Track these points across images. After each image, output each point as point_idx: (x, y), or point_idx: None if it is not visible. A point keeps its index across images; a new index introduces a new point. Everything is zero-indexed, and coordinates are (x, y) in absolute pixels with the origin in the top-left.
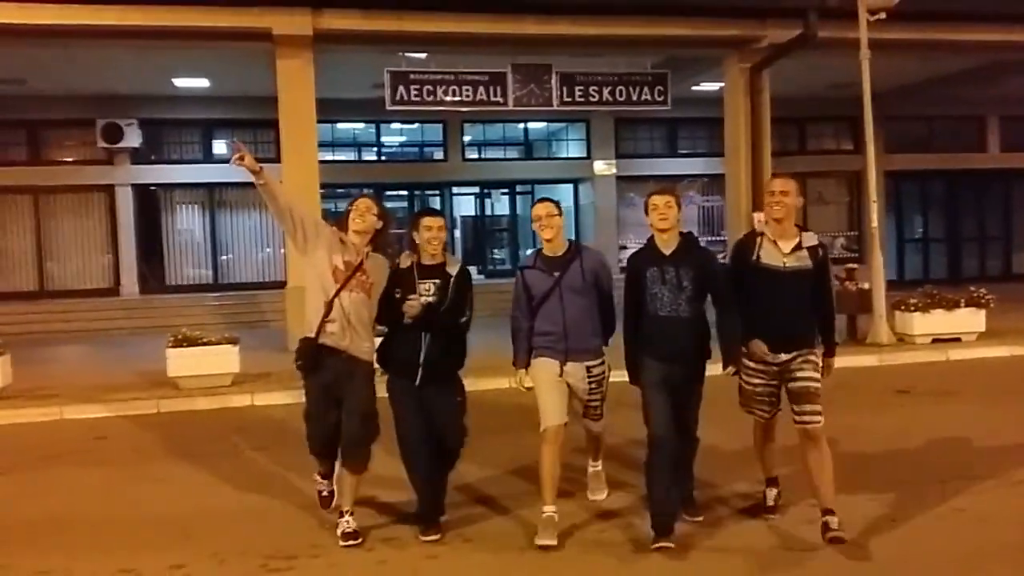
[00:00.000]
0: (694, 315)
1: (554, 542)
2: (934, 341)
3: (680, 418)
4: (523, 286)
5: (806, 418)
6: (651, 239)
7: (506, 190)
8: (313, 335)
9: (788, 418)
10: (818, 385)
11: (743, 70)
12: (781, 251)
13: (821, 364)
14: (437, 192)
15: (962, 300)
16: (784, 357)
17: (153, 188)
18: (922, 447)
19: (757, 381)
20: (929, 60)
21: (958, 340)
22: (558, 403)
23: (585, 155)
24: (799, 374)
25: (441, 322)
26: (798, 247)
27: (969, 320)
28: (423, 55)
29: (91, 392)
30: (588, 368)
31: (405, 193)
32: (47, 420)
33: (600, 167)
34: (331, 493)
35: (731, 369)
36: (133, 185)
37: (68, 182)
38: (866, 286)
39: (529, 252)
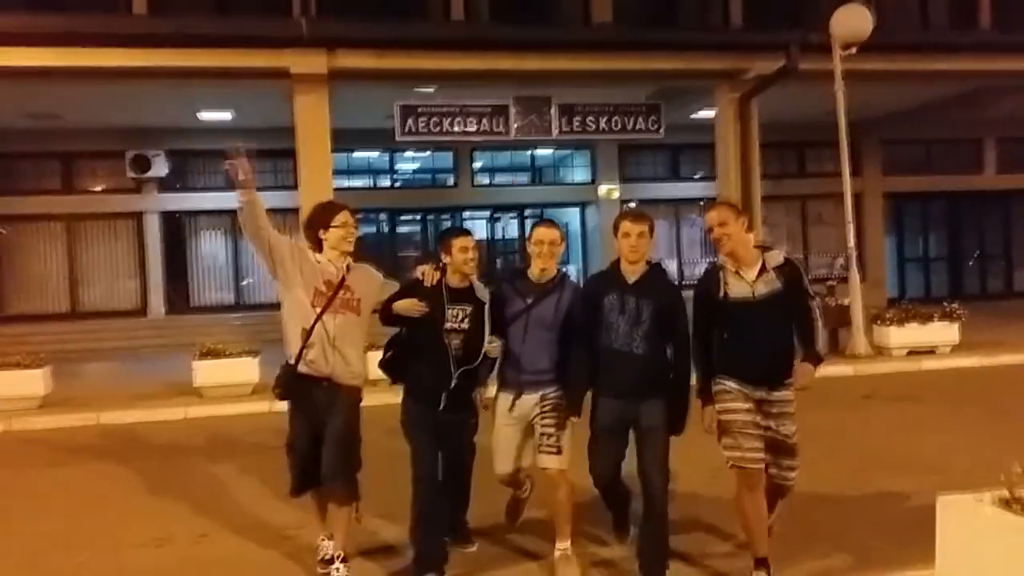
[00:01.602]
0: (649, 352)
1: None
2: (910, 353)
3: (642, 471)
4: (499, 299)
5: (783, 472)
6: (615, 263)
7: (515, 214)
8: (293, 362)
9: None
10: (796, 437)
11: (732, 99)
12: (747, 280)
13: (795, 371)
14: (449, 217)
15: (936, 314)
16: (762, 394)
17: (179, 215)
18: (862, 440)
19: (739, 406)
20: (919, 86)
21: (932, 352)
22: (509, 449)
23: (591, 180)
24: (782, 429)
25: (479, 354)
26: (763, 270)
27: (943, 333)
28: (431, 89)
29: (124, 400)
30: (543, 396)
31: (419, 218)
32: (86, 424)
33: (603, 190)
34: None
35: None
36: (160, 212)
37: (99, 210)
38: (846, 302)
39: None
